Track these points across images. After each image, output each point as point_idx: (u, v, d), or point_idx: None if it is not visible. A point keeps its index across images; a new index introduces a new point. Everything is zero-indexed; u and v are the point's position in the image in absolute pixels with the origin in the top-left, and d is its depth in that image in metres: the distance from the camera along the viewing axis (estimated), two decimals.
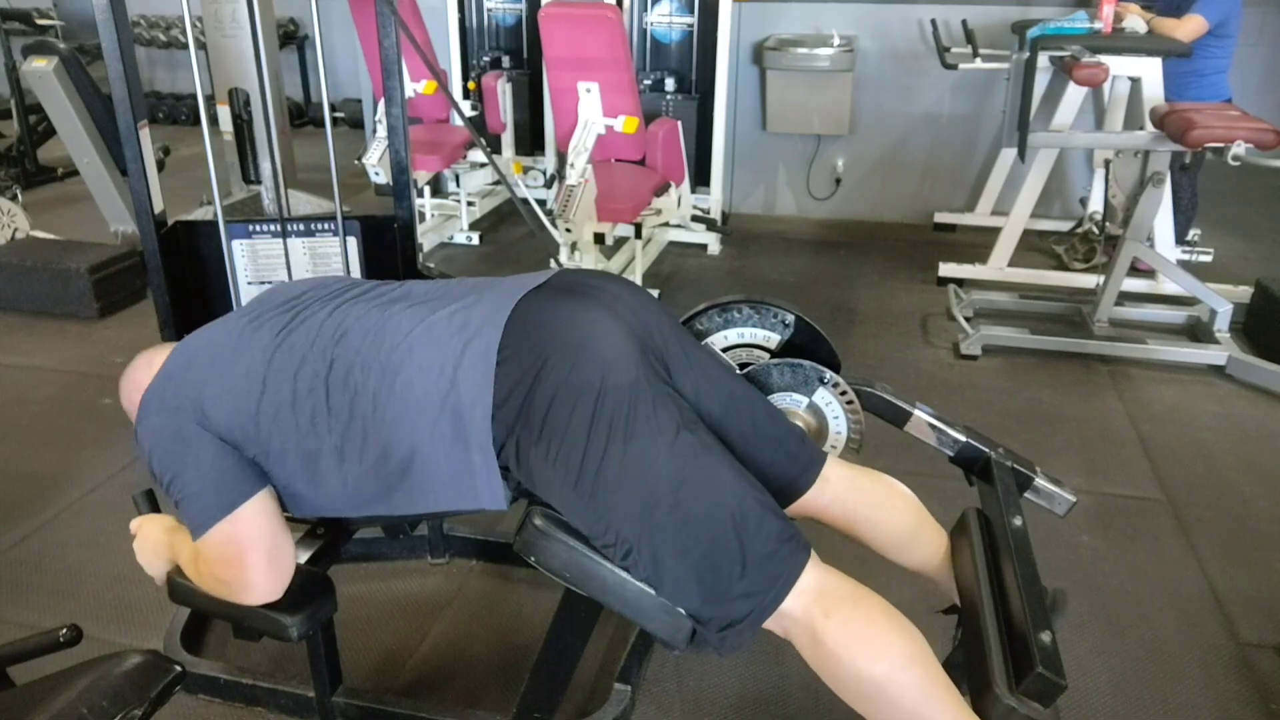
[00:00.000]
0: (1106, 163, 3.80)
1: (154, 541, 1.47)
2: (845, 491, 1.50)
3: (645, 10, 4.69)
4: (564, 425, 1.23)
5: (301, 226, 2.22)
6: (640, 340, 1.33)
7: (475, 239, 4.67)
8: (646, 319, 1.38)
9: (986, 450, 1.61)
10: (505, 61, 4.97)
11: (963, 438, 1.63)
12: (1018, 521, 1.42)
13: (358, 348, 1.34)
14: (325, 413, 1.32)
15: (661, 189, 3.75)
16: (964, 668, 1.35)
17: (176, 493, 1.34)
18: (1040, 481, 1.59)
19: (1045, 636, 1.20)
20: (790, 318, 1.67)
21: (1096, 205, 4.09)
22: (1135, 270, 3.58)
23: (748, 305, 1.67)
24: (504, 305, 1.32)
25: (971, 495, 1.63)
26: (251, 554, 1.33)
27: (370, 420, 1.30)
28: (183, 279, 2.20)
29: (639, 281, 3.89)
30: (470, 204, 4.70)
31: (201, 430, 1.35)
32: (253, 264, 2.24)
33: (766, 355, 1.67)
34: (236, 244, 2.21)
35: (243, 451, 1.36)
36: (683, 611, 1.26)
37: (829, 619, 1.22)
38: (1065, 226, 4.32)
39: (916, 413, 1.64)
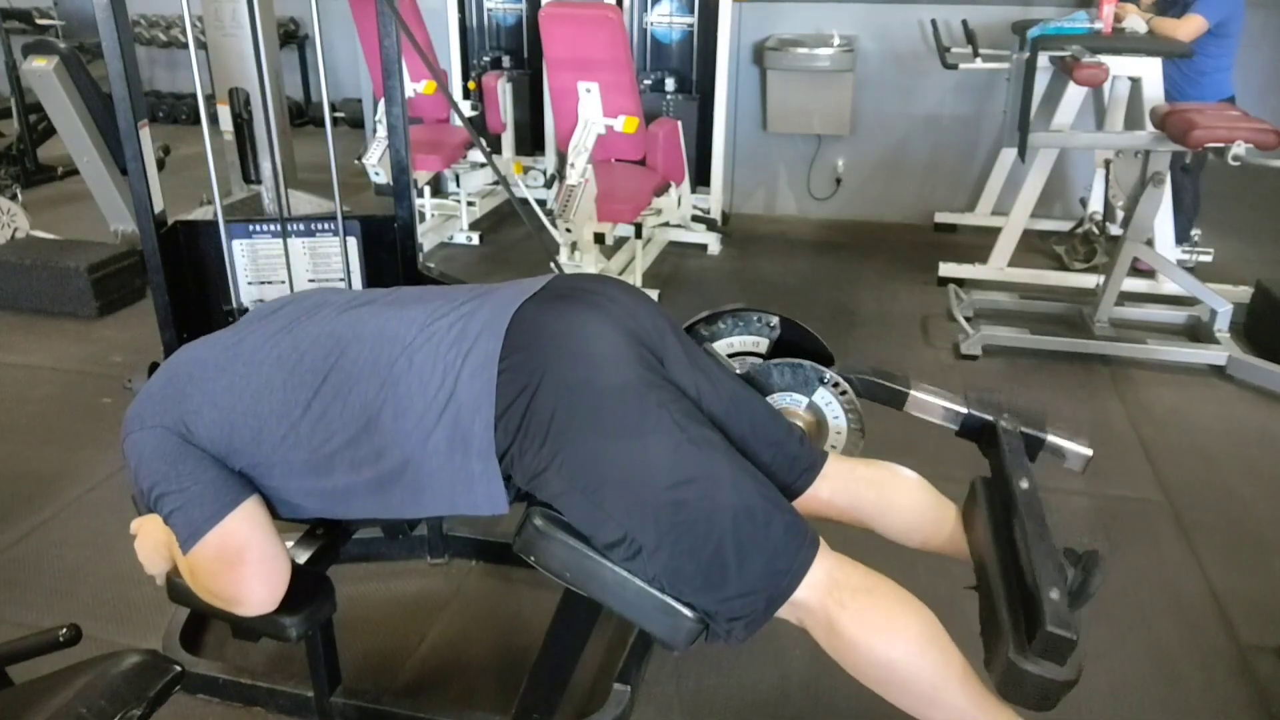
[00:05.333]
0: (1107, 163, 3.80)
1: (154, 540, 1.46)
2: (846, 484, 1.49)
3: (645, 10, 4.69)
4: (567, 430, 1.23)
5: (301, 226, 2.22)
6: (638, 342, 1.33)
7: (475, 239, 4.67)
8: (644, 320, 1.39)
9: (990, 418, 1.57)
10: (505, 61, 4.97)
11: (964, 409, 1.58)
12: (1024, 484, 1.39)
13: (354, 358, 1.33)
14: (317, 423, 1.31)
15: (662, 189, 3.75)
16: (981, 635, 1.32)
17: (164, 508, 1.33)
18: (1052, 440, 1.55)
19: (1054, 593, 1.17)
20: (774, 320, 1.67)
21: (1096, 205, 4.09)
22: (1136, 270, 3.58)
23: (730, 316, 1.68)
24: (503, 313, 1.32)
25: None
26: (242, 565, 1.32)
27: (365, 430, 1.30)
28: (182, 279, 2.20)
29: (639, 282, 3.88)
30: (470, 204, 4.69)
31: (184, 444, 1.34)
32: (253, 264, 2.24)
33: (759, 360, 1.68)
34: (236, 244, 2.21)
35: (229, 464, 1.35)
36: (687, 612, 1.26)
37: (843, 609, 1.24)
38: (1065, 226, 4.31)
39: (914, 393, 1.61)
